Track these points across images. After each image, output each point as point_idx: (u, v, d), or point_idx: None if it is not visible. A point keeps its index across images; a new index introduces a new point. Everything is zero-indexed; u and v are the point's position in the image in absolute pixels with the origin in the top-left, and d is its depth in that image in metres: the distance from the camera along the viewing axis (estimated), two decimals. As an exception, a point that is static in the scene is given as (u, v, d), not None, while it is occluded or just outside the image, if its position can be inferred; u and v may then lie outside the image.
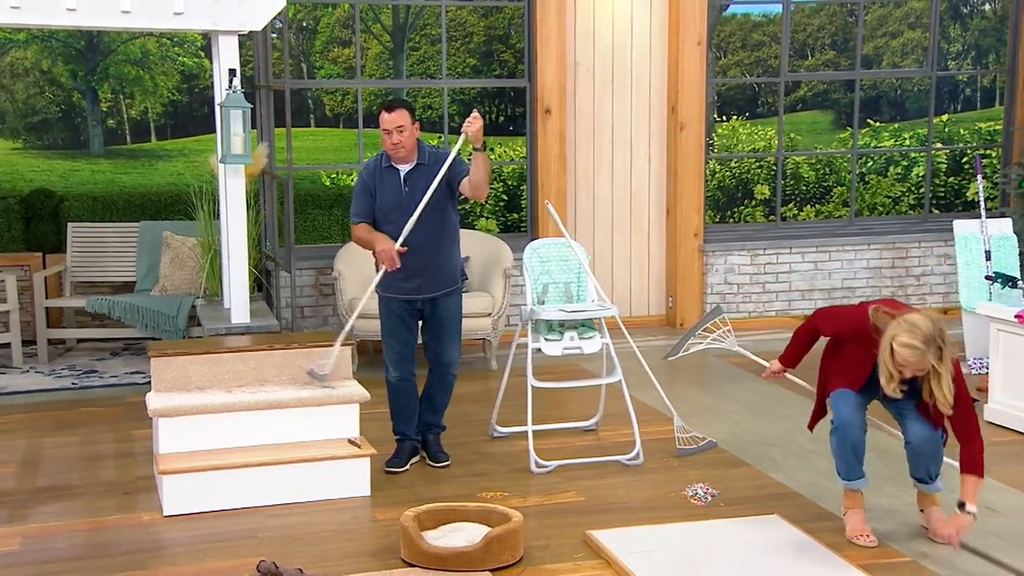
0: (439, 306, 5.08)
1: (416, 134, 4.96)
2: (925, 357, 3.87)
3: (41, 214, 8.44)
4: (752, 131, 10.99)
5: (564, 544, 4.26)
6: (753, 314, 8.43)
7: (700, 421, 5.82)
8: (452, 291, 5.12)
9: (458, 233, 5.15)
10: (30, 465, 5.31)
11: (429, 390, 5.22)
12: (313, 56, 11.26)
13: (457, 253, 5.16)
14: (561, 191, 7.95)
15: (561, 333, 5.29)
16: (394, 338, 5.10)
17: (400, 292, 5.04)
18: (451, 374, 5.20)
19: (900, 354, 3.87)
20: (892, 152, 10.56)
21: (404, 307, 5.08)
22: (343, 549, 4.24)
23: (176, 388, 4.94)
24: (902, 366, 3.91)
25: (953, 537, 4.05)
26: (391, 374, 5.13)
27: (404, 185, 4.96)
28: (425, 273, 5.00)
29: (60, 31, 9.80)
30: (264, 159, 7.29)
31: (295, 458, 4.75)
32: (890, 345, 3.90)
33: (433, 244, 4.98)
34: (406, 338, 5.13)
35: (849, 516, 4.34)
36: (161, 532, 4.45)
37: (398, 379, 5.12)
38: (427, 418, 5.24)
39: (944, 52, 9.94)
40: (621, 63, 8.10)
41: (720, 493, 4.80)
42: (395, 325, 5.10)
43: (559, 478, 5.02)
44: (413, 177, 4.96)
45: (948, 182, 10.26)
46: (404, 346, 5.12)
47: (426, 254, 4.97)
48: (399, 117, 4.87)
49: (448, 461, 5.17)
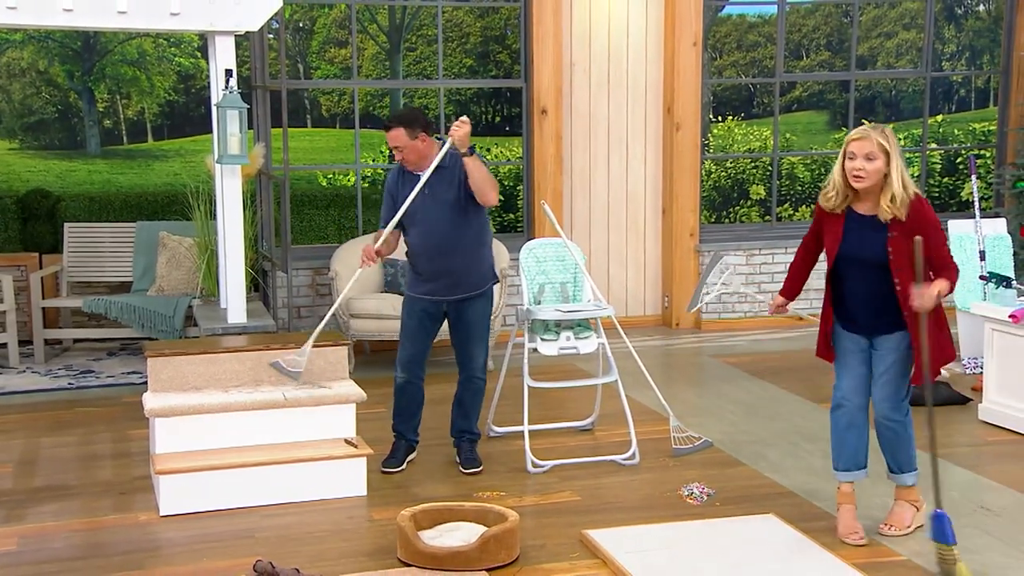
0: (463, 309, 5.05)
1: (421, 143, 4.91)
2: (871, 136, 4.01)
3: (37, 214, 8.44)
4: (747, 131, 11.01)
5: (560, 544, 4.26)
6: (749, 314, 8.44)
7: (696, 421, 5.82)
8: (478, 295, 5.06)
9: (487, 235, 5.09)
10: (27, 465, 5.30)
11: (460, 395, 5.20)
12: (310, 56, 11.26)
13: (488, 255, 5.11)
14: (557, 191, 7.96)
15: (557, 333, 5.30)
16: (409, 339, 5.09)
17: (422, 293, 5.04)
18: (479, 378, 5.16)
19: (850, 148, 4.03)
20: (887, 152, 10.57)
21: (427, 308, 5.04)
22: (339, 549, 4.24)
23: (173, 388, 4.94)
24: (856, 170, 4.02)
25: (921, 299, 3.94)
26: (400, 376, 5.11)
27: (424, 189, 4.94)
28: (447, 276, 4.97)
29: (57, 31, 9.80)
30: (261, 159, 7.28)
31: (291, 458, 4.75)
32: (843, 151, 4.08)
33: (452, 246, 4.94)
34: (422, 341, 5.09)
35: (840, 513, 4.36)
36: (158, 532, 4.44)
37: (404, 381, 5.12)
38: (459, 424, 5.20)
39: (939, 53, 9.97)
40: (617, 63, 8.11)
41: (716, 492, 4.80)
42: (414, 326, 5.07)
43: (555, 478, 5.03)
44: (433, 181, 4.92)
45: (943, 182, 10.28)
46: (417, 349, 5.09)
47: (447, 256, 4.95)
48: (395, 137, 4.89)
49: (480, 468, 5.11)
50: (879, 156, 4.01)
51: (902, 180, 4.03)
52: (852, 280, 4.20)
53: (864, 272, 4.13)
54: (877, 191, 4.06)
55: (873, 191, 4.07)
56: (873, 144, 4.00)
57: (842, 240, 4.16)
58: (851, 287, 4.20)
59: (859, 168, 4.02)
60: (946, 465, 5.13)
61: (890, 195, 4.02)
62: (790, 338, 8.02)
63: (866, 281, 4.14)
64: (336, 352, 5.14)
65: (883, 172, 4.02)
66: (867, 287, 4.15)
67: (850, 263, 4.16)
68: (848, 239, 4.15)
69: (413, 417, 5.18)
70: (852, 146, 4.03)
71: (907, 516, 4.36)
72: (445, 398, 5.37)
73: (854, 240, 4.14)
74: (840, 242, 4.16)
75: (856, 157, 4.03)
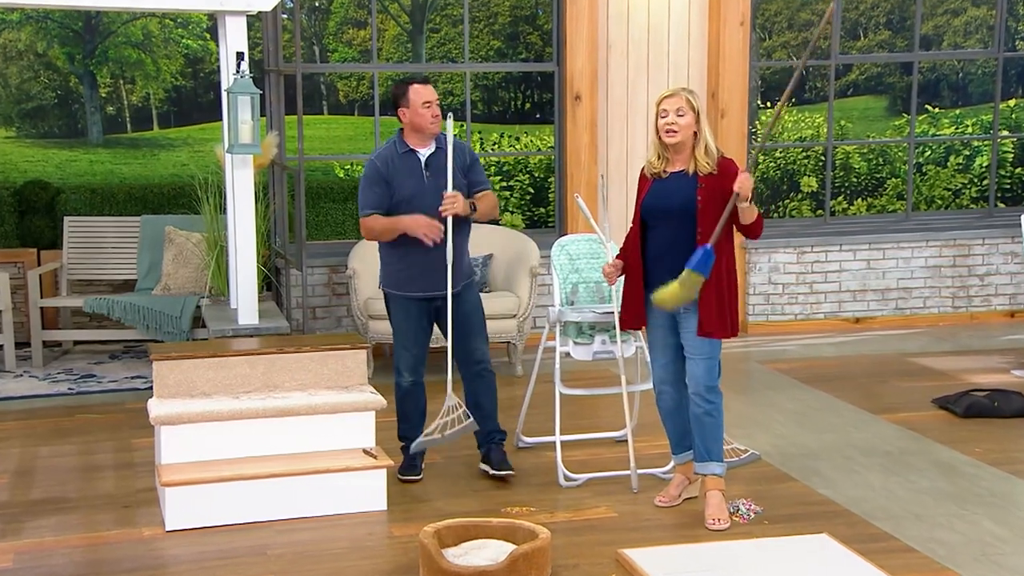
0: (462, 300, 5.12)
1: None
2: (679, 94, 4.54)
3: (36, 207, 8.52)
4: (799, 118, 10.95)
5: (595, 564, 4.26)
6: (800, 316, 8.40)
7: (742, 432, 5.81)
8: (470, 283, 5.22)
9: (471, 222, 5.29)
10: (24, 476, 5.36)
11: (474, 397, 5.20)
12: (326, 38, 11.31)
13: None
14: (592, 183, 7.95)
15: (591, 336, 5.30)
16: (412, 341, 5.14)
17: (415, 291, 5.08)
18: (488, 371, 5.20)
19: (662, 106, 4.53)
20: (953, 140, 10.49)
21: (421, 307, 5.12)
22: (358, 567, 4.26)
23: (180, 394, 4.98)
24: (669, 124, 4.50)
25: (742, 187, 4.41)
26: (405, 379, 5.16)
27: (425, 170, 5.01)
28: (443, 267, 5.03)
29: (56, 11, 9.89)
30: (274, 149, 7.33)
31: (307, 469, 4.78)
32: (656, 113, 4.57)
33: (456, 237, 5.03)
34: (423, 341, 5.19)
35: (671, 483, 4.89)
36: (163, 548, 4.48)
37: (412, 383, 5.16)
38: (485, 426, 5.20)
39: (1012, 31, 9.87)
40: (657, 45, 8.09)
41: (764, 510, 4.79)
42: (414, 327, 5.13)
43: (589, 492, 5.03)
44: (434, 162, 5.04)
45: (1015, 173, 10.18)
46: (421, 349, 5.17)
47: (444, 245, 5.01)
48: (434, 91, 5.04)
49: (512, 471, 5.15)
50: (688, 112, 4.52)
51: (710, 138, 4.58)
52: (657, 233, 4.62)
53: (670, 223, 4.57)
54: (689, 149, 4.56)
55: (685, 148, 4.56)
56: (683, 100, 4.52)
57: (649, 192, 4.63)
58: (656, 241, 4.63)
59: (672, 123, 4.51)
60: (1016, 482, 5.09)
61: (703, 147, 4.54)
62: (845, 342, 7.98)
63: (672, 231, 4.58)
64: (354, 356, 5.17)
65: (693, 129, 4.53)
66: (672, 237, 4.57)
67: (657, 216, 4.60)
68: (655, 191, 4.62)
69: (422, 420, 5.23)
70: (664, 103, 4.55)
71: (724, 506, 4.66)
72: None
73: (662, 191, 4.60)
74: (647, 194, 4.63)
75: (668, 114, 4.53)
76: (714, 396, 4.62)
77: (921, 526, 4.58)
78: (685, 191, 4.55)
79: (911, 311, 8.54)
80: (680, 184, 4.57)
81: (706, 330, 4.54)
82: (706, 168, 4.53)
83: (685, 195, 4.54)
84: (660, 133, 4.57)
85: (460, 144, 5.13)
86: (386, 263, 5.15)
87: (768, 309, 8.31)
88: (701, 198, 4.52)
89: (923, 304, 8.56)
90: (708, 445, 4.65)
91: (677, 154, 4.59)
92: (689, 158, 4.57)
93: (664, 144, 4.58)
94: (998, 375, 6.96)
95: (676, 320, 4.64)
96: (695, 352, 4.60)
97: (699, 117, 4.55)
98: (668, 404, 4.81)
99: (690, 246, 4.49)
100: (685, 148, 4.56)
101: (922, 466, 5.35)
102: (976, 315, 8.60)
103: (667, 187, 4.60)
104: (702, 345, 4.58)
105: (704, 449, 4.65)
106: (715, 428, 4.65)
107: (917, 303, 8.55)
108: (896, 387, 6.80)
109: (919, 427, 5.94)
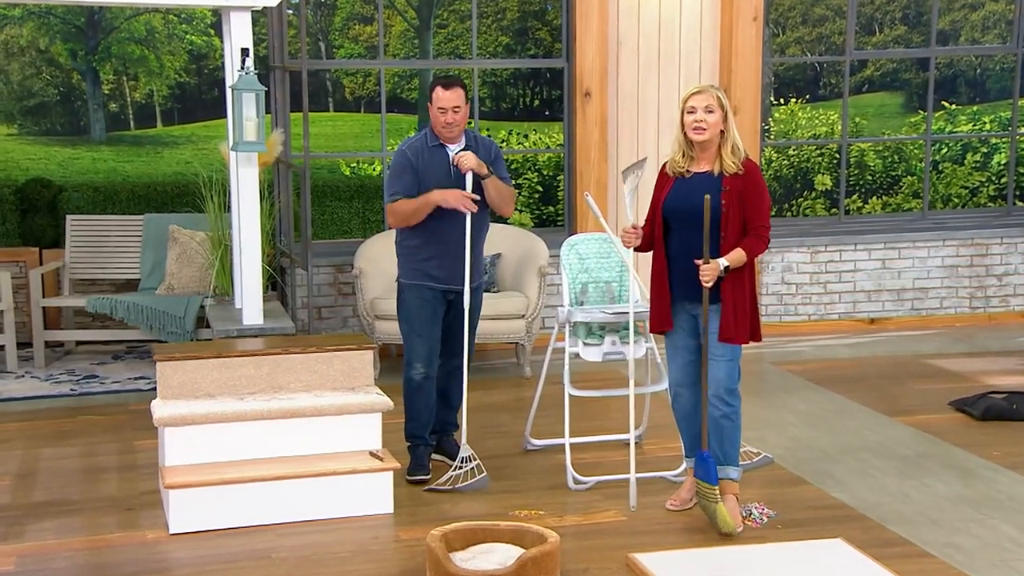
0: (476, 296, 5.23)
1: (467, 114, 5.16)
2: (708, 91, 4.51)
3: (38, 206, 8.55)
4: (813, 115, 10.94)
5: (605, 568, 4.26)
6: (814, 317, 8.39)
7: (754, 434, 5.80)
8: (480, 285, 5.32)
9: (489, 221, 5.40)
10: (26, 478, 5.38)
11: (446, 387, 5.34)
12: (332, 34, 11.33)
13: None
14: (602, 181, 7.95)
15: (601, 337, 5.30)
16: (426, 331, 5.19)
17: (435, 281, 5.16)
18: (462, 370, 5.30)
19: (690, 103, 4.49)
20: (970, 138, 10.47)
21: (438, 297, 5.20)
22: (363, 571, 4.27)
23: (183, 395, 4.99)
24: (697, 122, 4.46)
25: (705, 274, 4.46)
26: (417, 371, 5.19)
27: (453, 166, 5.10)
28: (464, 262, 5.11)
29: (58, 6, 9.92)
30: (279, 146, 7.34)
31: (312, 472, 4.78)
32: (681, 108, 4.53)
33: (477, 232, 5.14)
34: (437, 332, 5.24)
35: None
36: (167, 551, 4.49)
37: (424, 377, 5.20)
38: (444, 417, 5.35)
39: (1028, 27, 9.83)
40: (668, 41, 8.09)
41: (777, 514, 4.78)
42: (428, 315, 5.20)
43: (599, 495, 5.03)
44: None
45: (1032, 171, 10.14)
46: (434, 341, 5.23)
47: (473, 241, 5.11)
48: (457, 97, 5.05)
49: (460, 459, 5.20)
50: (717, 109, 4.48)
51: (737, 137, 4.55)
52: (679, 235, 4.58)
53: (692, 224, 4.51)
54: (716, 147, 4.52)
55: (711, 146, 4.52)
56: (712, 98, 4.48)
57: (671, 192, 4.58)
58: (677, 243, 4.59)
59: (700, 120, 4.47)
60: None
61: (730, 146, 4.51)
62: (860, 343, 7.97)
63: (694, 233, 4.51)
64: (360, 357, 5.18)
65: (720, 127, 4.50)
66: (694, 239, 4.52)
67: (679, 217, 4.56)
68: (677, 191, 4.57)
69: (431, 419, 5.27)
70: (692, 100, 4.50)
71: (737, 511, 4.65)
72: (477, 406, 5.38)
73: (685, 191, 4.56)
74: (669, 194, 4.58)
75: (696, 110, 4.49)
76: (734, 399, 4.62)
77: (938, 531, 4.57)
78: (709, 193, 4.49)
79: (927, 311, 8.53)
80: (705, 185, 4.53)
81: (728, 335, 4.53)
82: (732, 168, 4.51)
83: (711, 197, 4.49)
84: (687, 130, 4.52)
85: (486, 140, 5.29)
86: (405, 257, 5.21)
87: (781, 309, 8.30)
88: (725, 202, 4.49)
89: (940, 304, 8.54)
90: (725, 449, 4.64)
91: (703, 152, 4.55)
92: (715, 157, 4.54)
93: (690, 142, 4.54)
94: (1016, 377, 6.94)
95: (697, 322, 4.63)
96: (717, 354, 4.59)
97: (727, 115, 4.52)
98: (684, 407, 4.78)
99: (712, 249, 4.48)
100: (711, 146, 4.53)
101: (939, 469, 5.34)
102: (994, 316, 8.59)
103: (691, 187, 4.55)
104: (724, 347, 4.57)
105: (721, 453, 4.64)
106: (733, 432, 4.64)
107: (934, 303, 8.53)
108: (912, 389, 6.78)
109: (936, 430, 5.93)
